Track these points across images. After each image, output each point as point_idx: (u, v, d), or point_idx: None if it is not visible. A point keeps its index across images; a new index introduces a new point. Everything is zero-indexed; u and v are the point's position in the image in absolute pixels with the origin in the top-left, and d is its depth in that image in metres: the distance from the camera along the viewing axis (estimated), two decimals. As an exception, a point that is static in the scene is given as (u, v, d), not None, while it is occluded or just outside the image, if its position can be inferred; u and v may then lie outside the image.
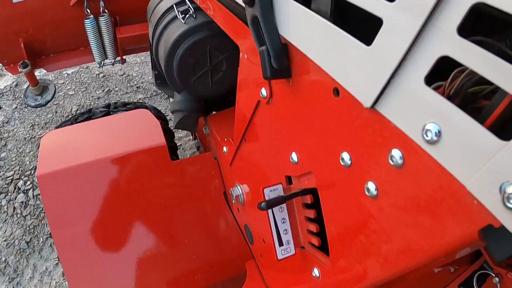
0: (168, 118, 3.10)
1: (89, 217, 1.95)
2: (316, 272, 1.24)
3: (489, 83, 0.67)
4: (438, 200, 0.67)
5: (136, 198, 1.99)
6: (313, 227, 1.21)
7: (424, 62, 0.65)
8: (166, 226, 2.02)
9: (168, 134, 2.57)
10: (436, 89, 0.73)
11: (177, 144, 4.33)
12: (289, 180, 1.29)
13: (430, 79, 0.66)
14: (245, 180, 1.70)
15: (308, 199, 1.18)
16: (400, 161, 0.73)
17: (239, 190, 1.75)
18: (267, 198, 1.24)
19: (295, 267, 1.38)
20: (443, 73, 0.69)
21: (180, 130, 4.36)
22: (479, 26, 0.87)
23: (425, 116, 0.65)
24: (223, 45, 1.80)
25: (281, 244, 1.30)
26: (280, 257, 1.30)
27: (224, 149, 1.90)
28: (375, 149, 0.80)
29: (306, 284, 1.34)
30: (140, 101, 4.98)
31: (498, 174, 0.55)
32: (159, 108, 4.65)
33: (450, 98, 0.69)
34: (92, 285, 1.92)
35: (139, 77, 5.37)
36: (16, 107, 4.97)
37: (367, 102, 0.76)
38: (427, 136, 0.64)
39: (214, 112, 2.47)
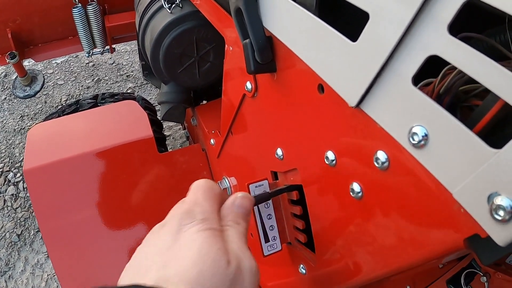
0: (157, 108, 3.06)
1: (78, 210, 1.92)
2: (302, 269, 1.22)
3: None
4: (424, 205, 0.64)
5: (124, 190, 1.97)
6: (299, 224, 1.18)
7: (412, 61, 0.61)
8: (155, 218, 1.99)
9: (156, 125, 2.55)
10: (425, 86, 0.70)
11: (168, 134, 4.30)
12: (275, 175, 1.27)
13: (420, 76, 0.63)
14: (233, 173, 1.67)
15: (294, 195, 1.15)
16: (385, 164, 0.70)
17: (227, 182, 1.72)
18: (252, 195, 1.21)
19: (282, 262, 1.37)
20: (434, 69, 0.66)
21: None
22: (472, 19, 0.84)
23: (412, 118, 0.62)
24: (210, 35, 1.77)
25: (267, 240, 1.27)
26: (266, 253, 1.27)
27: (212, 141, 1.88)
28: (360, 149, 0.76)
29: (294, 278, 1.32)
30: (130, 90, 4.93)
31: (486, 183, 0.51)
32: (149, 97, 4.62)
33: (440, 96, 0.66)
34: (82, 280, 1.91)
35: (129, 65, 5.31)
36: (5, 98, 4.91)
37: (352, 101, 0.73)
38: (413, 139, 0.61)
39: (204, 102, 2.44)
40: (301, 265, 1.23)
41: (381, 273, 0.82)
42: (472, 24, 0.83)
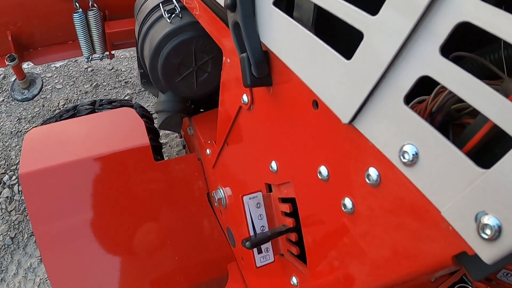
0: (154, 116, 3.07)
1: (72, 216, 1.93)
2: (294, 280, 1.23)
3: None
4: (414, 222, 0.65)
5: (119, 198, 1.97)
6: (292, 236, 1.19)
7: (404, 81, 0.63)
8: (149, 226, 2.00)
9: (153, 133, 2.55)
10: (419, 103, 0.71)
11: (164, 142, 4.30)
12: (269, 188, 1.28)
13: (413, 93, 0.64)
14: (227, 183, 1.68)
15: (287, 208, 1.16)
16: (376, 180, 0.71)
17: (222, 193, 1.73)
18: (246, 206, 1.22)
19: (274, 274, 1.37)
20: (428, 87, 0.68)
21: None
22: (467, 37, 0.85)
23: (403, 137, 0.63)
24: (208, 46, 1.78)
25: (260, 251, 1.28)
26: (258, 264, 1.28)
27: (208, 151, 1.88)
28: (352, 166, 0.78)
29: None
30: (127, 97, 4.94)
31: (474, 203, 0.53)
32: (147, 105, 4.63)
33: (432, 114, 0.67)
34: (74, 286, 1.91)
35: (127, 72, 5.32)
36: (3, 100, 4.91)
37: (345, 118, 0.74)
38: (404, 158, 0.62)
39: (201, 111, 2.44)
40: (293, 277, 1.23)
41: (372, 286, 0.83)
42: (467, 42, 0.84)
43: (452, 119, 0.69)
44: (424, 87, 0.66)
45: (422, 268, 0.67)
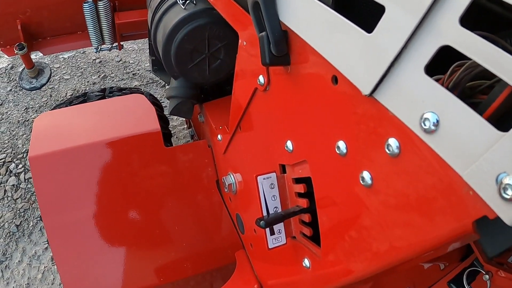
0: (163, 105, 3.08)
1: (80, 200, 1.93)
2: (306, 262, 1.24)
3: (487, 78, 0.67)
4: (434, 190, 0.66)
5: (128, 183, 1.98)
6: (305, 217, 1.20)
7: (425, 51, 0.65)
8: (157, 212, 2.01)
9: (163, 120, 2.56)
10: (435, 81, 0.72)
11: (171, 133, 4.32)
12: (283, 169, 1.29)
13: (429, 73, 0.66)
14: (239, 168, 1.69)
15: (301, 188, 1.17)
16: (396, 150, 0.72)
17: (232, 178, 1.74)
18: (260, 187, 1.23)
19: (285, 257, 1.38)
20: (440, 68, 0.69)
21: (174, 118, 4.36)
22: (480, 25, 0.87)
23: (424, 106, 0.65)
24: (222, 32, 1.79)
25: (272, 233, 1.29)
26: (271, 246, 1.30)
27: (219, 137, 1.89)
28: (372, 137, 0.79)
29: (296, 275, 1.33)
30: (136, 88, 4.96)
31: (495, 164, 0.54)
32: (155, 96, 4.64)
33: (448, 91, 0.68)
34: (81, 270, 1.91)
35: (135, 64, 5.34)
36: (10, 90, 4.94)
37: (365, 90, 0.76)
38: (425, 125, 0.64)
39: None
40: (306, 259, 1.24)
41: (392, 260, 0.84)
42: (481, 29, 0.86)
43: (466, 97, 0.70)
44: (438, 69, 0.68)
45: (442, 238, 0.68)
